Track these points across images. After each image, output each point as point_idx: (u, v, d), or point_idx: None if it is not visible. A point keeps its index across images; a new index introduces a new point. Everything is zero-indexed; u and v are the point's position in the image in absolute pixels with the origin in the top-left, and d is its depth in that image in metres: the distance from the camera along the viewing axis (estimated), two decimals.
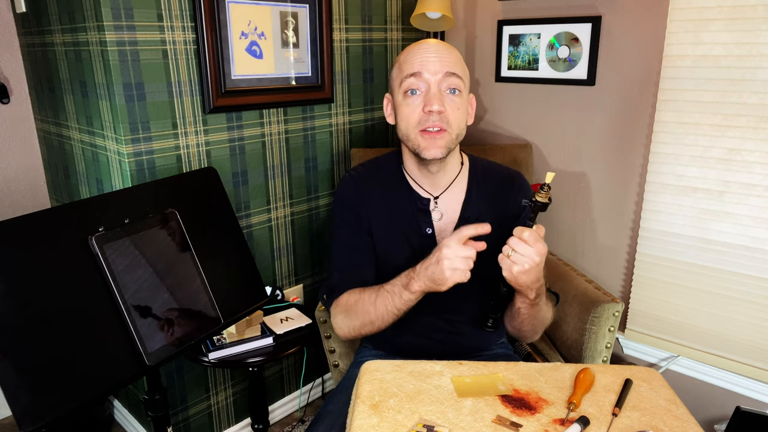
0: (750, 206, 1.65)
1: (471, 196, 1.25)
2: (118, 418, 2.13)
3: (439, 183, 1.24)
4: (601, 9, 1.86)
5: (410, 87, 1.13)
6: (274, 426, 2.14)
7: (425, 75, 1.12)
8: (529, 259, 0.99)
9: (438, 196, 1.25)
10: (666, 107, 1.75)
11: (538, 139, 2.12)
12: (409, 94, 1.14)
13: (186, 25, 1.58)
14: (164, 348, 1.15)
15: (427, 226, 1.23)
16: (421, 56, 1.13)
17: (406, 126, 1.16)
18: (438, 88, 1.12)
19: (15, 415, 0.92)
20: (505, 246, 1.01)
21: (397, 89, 1.16)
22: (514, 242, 1.00)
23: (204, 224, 1.34)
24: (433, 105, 1.10)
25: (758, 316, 1.69)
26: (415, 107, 1.13)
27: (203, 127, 1.68)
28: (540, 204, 1.02)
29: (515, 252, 0.99)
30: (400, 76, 1.15)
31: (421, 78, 1.12)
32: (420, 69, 1.11)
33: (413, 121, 1.14)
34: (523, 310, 1.14)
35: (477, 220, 1.23)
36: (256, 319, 1.67)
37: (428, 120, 1.12)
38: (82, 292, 1.06)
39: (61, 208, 1.10)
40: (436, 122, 1.12)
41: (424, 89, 1.13)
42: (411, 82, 1.12)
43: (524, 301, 1.11)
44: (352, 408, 0.96)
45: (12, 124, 2.04)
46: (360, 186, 1.28)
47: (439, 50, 1.13)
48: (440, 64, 1.12)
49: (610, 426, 0.89)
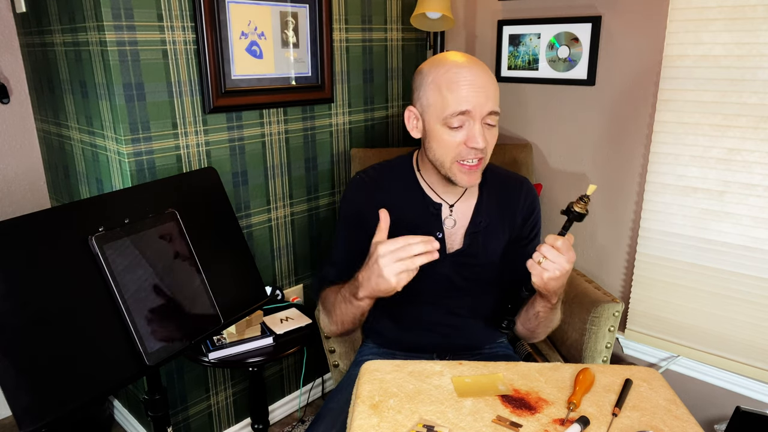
0: (750, 206, 1.65)
1: (482, 202, 1.27)
2: (118, 418, 2.13)
3: (455, 191, 1.25)
4: (601, 9, 1.86)
5: (457, 123, 1.10)
6: (274, 426, 2.14)
7: (474, 113, 1.09)
8: (560, 267, 1.01)
9: (453, 204, 1.26)
10: (666, 107, 1.75)
11: (538, 139, 2.12)
12: (452, 126, 1.11)
13: (186, 25, 1.58)
14: (164, 348, 1.15)
15: (437, 230, 1.24)
16: (469, 91, 1.08)
17: (443, 155, 1.14)
18: (481, 124, 1.10)
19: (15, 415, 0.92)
20: (535, 253, 1.03)
21: (435, 117, 1.12)
22: (546, 250, 1.01)
23: (204, 224, 1.34)
24: (479, 143, 1.09)
25: (758, 316, 1.69)
26: (457, 139, 1.11)
27: (203, 127, 1.68)
28: (577, 214, 1.04)
29: (547, 259, 1.01)
30: (444, 108, 1.10)
31: (469, 116, 1.09)
32: (469, 108, 1.08)
33: (452, 152, 1.12)
34: (542, 314, 1.16)
35: (488, 225, 1.26)
36: (256, 319, 1.67)
37: (469, 153, 1.11)
38: (82, 292, 1.06)
39: (61, 208, 1.10)
40: (476, 155, 1.12)
41: (469, 125, 1.11)
42: (458, 119, 1.10)
43: (545, 306, 1.14)
44: (352, 408, 0.96)
45: (12, 124, 2.04)
46: (370, 189, 1.28)
47: (485, 84, 1.10)
48: (486, 100, 1.09)
49: (610, 426, 0.89)
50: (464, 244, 1.25)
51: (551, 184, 2.11)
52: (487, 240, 1.27)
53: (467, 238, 1.25)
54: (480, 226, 1.26)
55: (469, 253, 1.25)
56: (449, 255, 1.25)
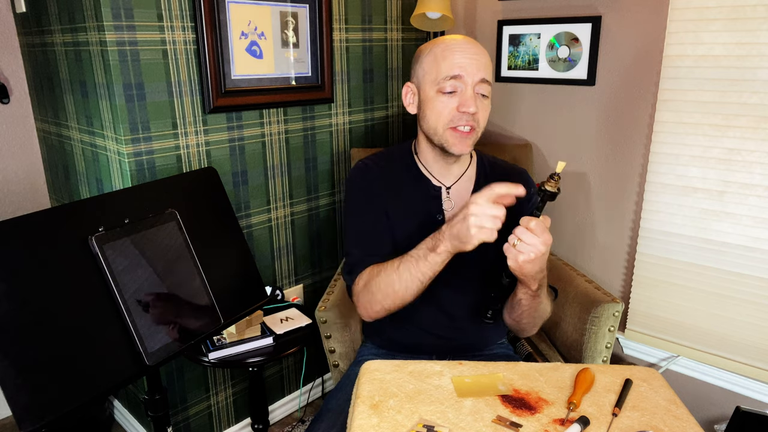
0: (750, 206, 1.65)
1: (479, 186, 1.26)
2: (118, 418, 2.13)
3: (452, 173, 1.28)
4: (601, 9, 1.86)
5: (450, 88, 1.16)
6: (274, 426, 2.14)
7: (465, 78, 1.15)
8: (535, 249, 0.99)
9: (450, 187, 1.29)
10: (666, 107, 1.75)
11: (538, 139, 2.12)
12: (445, 92, 1.17)
13: (186, 25, 1.58)
14: (164, 348, 1.15)
15: (437, 212, 1.26)
16: (461, 58, 1.15)
17: (436, 121, 1.19)
18: (473, 90, 1.16)
19: (15, 415, 0.92)
20: (510, 236, 1.01)
21: (430, 84, 1.19)
22: (520, 232, 1.00)
23: (204, 224, 1.34)
24: (470, 107, 1.15)
25: (758, 316, 1.69)
26: (450, 105, 1.17)
27: (203, 127, 1.68)
28: (549, 193, 1.02)
29: (521, 242, 1.00)
30: (438, 73, 1.17)
31: (460, 80, 1.15)
32: (461, 73, 1.15)
33: (445, 118, 1.17)
34: (524, 302, 1.15)
35: None
36: (256, 319, 1.67)
37: (462, 119, 1.16)
38: (82, 292, 1.06)
39: (61, 208, 1.10)
40: (468, 122, 1.16)
41: (460, 89, 1.16)
42: (452, 84, 1.16)
43: (526, 292, 1.12)
44: (352, 408, 0.96)
45: (12, 124, 2.04)
46: (372, 174, 1.30)
47: (477, 53, 1.17)
48: (478, 68, 1.16)
49: (610, 426, 0.89)
50: None
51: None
52: None
53: None
54: None
55: None
56: None
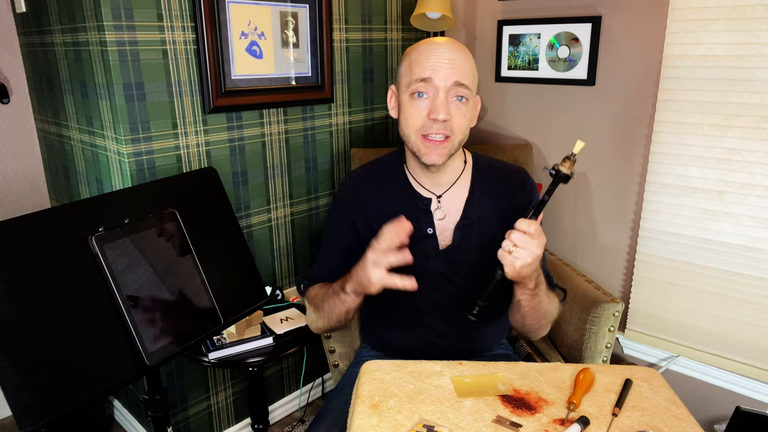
0: (750, 206, 1.65)
1: (474, 194, 1.24)
2: (118, 418, 2.13)
3: (441, 182, 1.23)
4: (601, 9, 1.86)
5: (417, 90, 1.11)
6: (274, 426, 2.14)
7: (435, 81, 1.09)
8: (531, 253, 0.98)
9: (440, 195, 1.23)
10: (666, 107, 1.75)
11: (538, 139, 2.12)
12: (416, 96, 1.11)
13: (186, 25, 1.58)
14: (164, 348, 1.15)
15: (427, 226, 1.22)
16: (433, 60, 1.09)
17: (407, 127, 1.14)
18: (446, 95, 1.10)
19: (15, 415, 0.92)
20: (505, 242, 0.99)
21: (404, 88, 1.14)
22: (516, 237, 0.98)
23: (204, 224, 1.34)
24: (439, 113, 1.09)
25: (758, 316, 1.69)
26: (420, 110, 1.11)
27: (203, 127, 1.68)
28: (562, 175, 0.97)
29: (517, 247, 0.98)
30: (410, 76, 1.12)
31: (430, 84, 1.09)
32: (431, 75, 1.09)
33: (416, 124, 1.12)
34: (524, 302, 1.11)
35: (480, 218, 1.23)
36: (256, 319, 1.67)
37: (432, 127, 1.10)
38: (82, 292, 1.06)
39: (61, 208, 1.10)
40: (440, 130, 1.10)
41: (432, 94, 1.10)
42: (419, 86, 1.10)
43: (524, 292, 1.09)
44: (352, 408, 0.96)
45: (12, 124, 2.04)
46: (359, 188, 1.28)
47: (452, 56, 1.10)
48: (452, 71, 1.09)
49: (610, 426, 0.89)
50: (455, 239, 1.21)
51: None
52: (480, 234, 1.23)
53: (458, 232, 1.22)
54: (472, 219, 1.22)
55: (461, 248, 1.22)
56: (442, 252, 1.22)
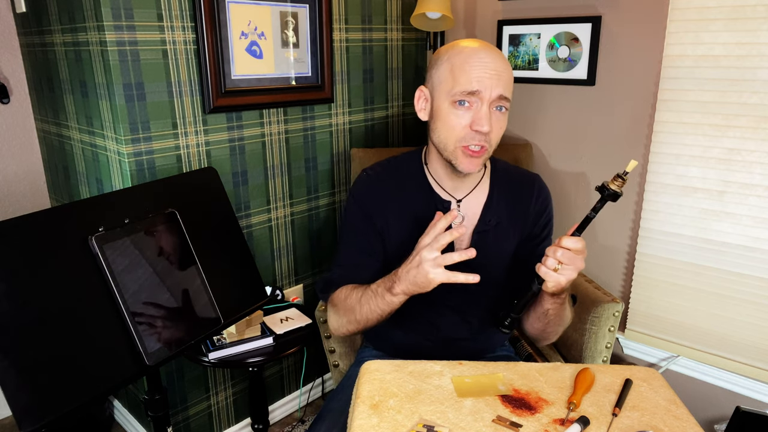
0: (750, 206, 1.65)
1: (492, 199, 1.24)
2: (118, 418, 2.13)
3: (464, 185, 1.23)
4: (601, 9, 1.86)
5: (464, 99, 1.09)
6: (274, 426, 2.14)
7: (483, 94, 1.08)
8: (576, 269, 0.99)
9: (461, 200, 1.23)
10: (666, 107, 1.75)
11: (538, 139, 2.12)
12: (458, 105, 1.10)
13: (186, 25, 1.58)
14: (164, 348, 1.15)
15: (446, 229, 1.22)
16: (479, 71, 1.07)
17: (446, 136, 1.13)
18: (489, 107, 1.09)
19: (15, 415, 0.92)
20: (549, 260, 1.00)
21: (445, 95, 1.11)
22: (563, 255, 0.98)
23: (204, 224, 1.34)
24: (484, 126, 1.07)
25: (758, 316, 1.69)
26: (463, 120, 1.10)
27: (203, 127, 1.68)
28: (612, 192, 0.99)
29: (563, 264, 0.99)
30: (452, 84, 1.10)
31: (478, 96, 1.08)
32: (479, 88, 1.07)
33: (457, 134, 1.11)
34: (552, 311, 1.12)
35: (497, 224, 1.24)
36: (256, 319, 1.67)
37: (474, 138, 1.09)
38: (82, 292, 1.05)
39: (61, 208, 1.10)
40: (480, 141, 1.10)
41: (475, 104, 1.09)
42: (468, 99, 1.09)
43: (555, 302, 1.10)
44: (352, 408, 0.96)
45: (12, 124, 2.04)
46: (376, 187, 1.26)
47: (497, 67, 1.09)
48: (498, 84, 1.08)
49: (610, 426, 0.89)
50: (472, 242, 1.21)
51: (551, 184, 2.10)
52: (497, 239, 1.23)
53: (475, 236, 1.22)
54: (489, 225, 1.23)
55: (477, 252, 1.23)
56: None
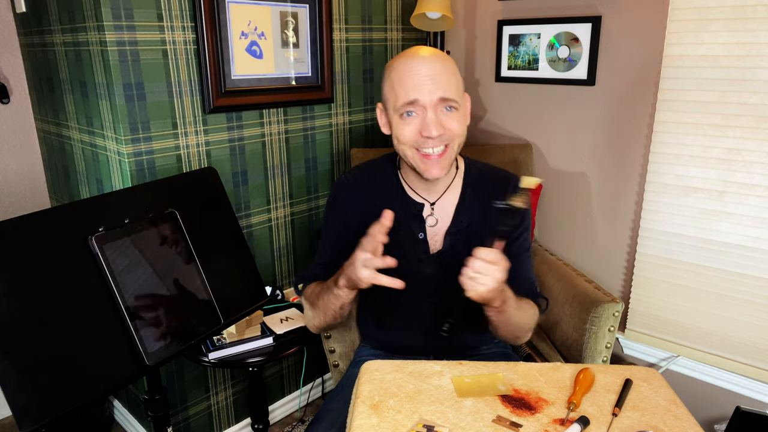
0: (750, 206, 1.65)
1: (464, 201, 1.25)
2: (118, 418, 2.13)
3: (435, 189, 1.24)
4: (601, 9, 1.86)
5: (406, 110, 1.11)
6: (274, 426, 2.14)
7: (421, 102, 1.09)
8: (493, 279, 0.99)
9: (434, 202, 1.24)
10: (666, 107, 1.75)
11: (538, 139, 2.12)
12: (405, 116, 1.11)
13: (186, 25, 1.58)
14: (164, 348, 1.15)
15: (419, 230, 1.23)
16: (414, 80, 1.08)
17: (403, 147, 1.14)
18: (434, 111, 1.09)
19: (15, 415, 0.92)
20: (467, 269, 1.00)
21: (392, 109, 1.13)
22: (478, 265, 0.99)
23: (204, 224, 1.34)
24: (432, 131, 1.08)
25: (758, 316, 1.69)
26: (413, 128, 1.11)
27: (203, 127, 1.68)
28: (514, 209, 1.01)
29: (480, 274, 0.98)
30: (394, 99, 1.12)
31: (417, 105, 1.09)
32: (417, 97, 1.08)
33: (410, 142, 1.12)
34: (493, 317, 1.13)
35: (468, 224, 1.24)
36: (256, 319, 1.67)
37: (427, 143, 1.10)
38: (82, 292, 1.06)
39: (61, 208, 1.10)
40: (436, 144, 1.10)
41: (420, 112, 1.10)
42: (406, 108, 1.10)
43: (490, 310, 1.10)
44: (352, 408, 0.96)
45: (12, 124, 2.04)
46: (354, 189, 1.28)
47: (431, 71, 1.09)
48: (435, 88, 1.08)
49: (610, 426, 0.89)
50: (445, 244, 1.23)
51: (551, 184, 2.11)
52: (470, 240, 1.22)
53: (448, 237, 1.23)
54: (461, 225, 1.23)
55: (451, 253, 1.23)
56: (433, 255, 1.23)
